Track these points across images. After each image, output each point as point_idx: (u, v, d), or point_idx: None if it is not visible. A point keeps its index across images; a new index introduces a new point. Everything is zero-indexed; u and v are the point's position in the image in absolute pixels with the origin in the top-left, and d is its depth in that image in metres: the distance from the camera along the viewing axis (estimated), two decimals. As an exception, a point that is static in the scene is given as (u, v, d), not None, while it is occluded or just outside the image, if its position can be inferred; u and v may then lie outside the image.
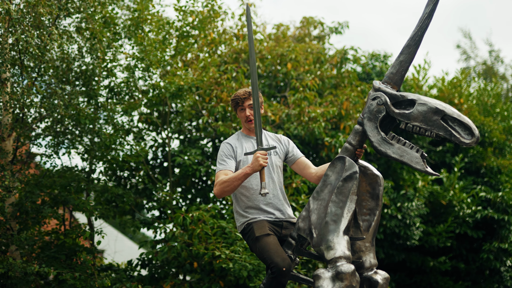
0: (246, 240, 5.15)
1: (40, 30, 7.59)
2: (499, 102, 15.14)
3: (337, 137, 9.88)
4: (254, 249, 4.99)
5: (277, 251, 4.81)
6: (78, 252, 8.41)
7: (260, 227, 5.00)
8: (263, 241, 4.91)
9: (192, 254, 8.30)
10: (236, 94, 5.21)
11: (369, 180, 4.96)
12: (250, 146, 5.20)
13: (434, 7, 4.76)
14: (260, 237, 4.93)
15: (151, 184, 9.61)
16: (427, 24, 4.78)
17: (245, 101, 5.19)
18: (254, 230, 4.99)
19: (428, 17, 4.76)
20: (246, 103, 5.19)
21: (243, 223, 5.15)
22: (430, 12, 4.76)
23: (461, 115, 4.49)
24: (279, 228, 5.10)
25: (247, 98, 5.19)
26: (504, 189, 12.45)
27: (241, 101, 5.19)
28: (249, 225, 5.09)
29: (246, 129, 5.29)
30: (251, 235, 5.01)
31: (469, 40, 28.44)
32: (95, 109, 9.03)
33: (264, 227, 4.99)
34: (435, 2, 4.75)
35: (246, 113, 5.20)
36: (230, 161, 5.08)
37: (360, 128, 4.88)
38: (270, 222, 5.08)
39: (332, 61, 12.02)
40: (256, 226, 5.02)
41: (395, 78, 4.82)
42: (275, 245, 4.87)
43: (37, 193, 8.22)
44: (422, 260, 12.10)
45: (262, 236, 4.94)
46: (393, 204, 11.38)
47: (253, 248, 5.02)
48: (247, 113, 5.19)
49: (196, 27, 9.67)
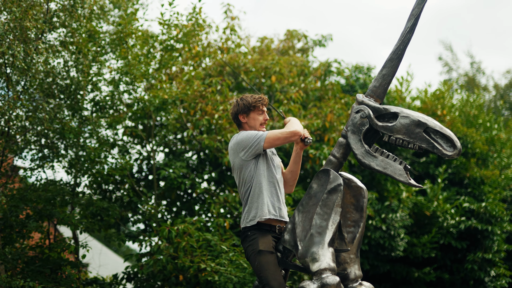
0: (244, 247, 5.08)
1: (26, 44, 7.59)
2: (481, 113, 15.25)
3: (321, 149, 9.93)
4: (253, 261, 4.95)
5: (275, 273, 4.82)
6: (63, 266, 8.37)
7: (264, 242, 4.96)
8: (265, 258, 4.89)
9: (177, 267, 8.30)
10: (260, 96, 5.22)
11: (353, 192, 5.00)
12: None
13: (416, 21, 4.82)
14: (262, 252, 4.91)
15: (136, 197, 9.60)
16: (409, 38, 4.84)
17: (265, 105, 5.24)
18: (258, 243, 4.95)
19: (410, 31, 4.82)
20: (265, 108, 5.24)
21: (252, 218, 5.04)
22: (412, 26, 4.82)
23: (443, 128, 4.55)
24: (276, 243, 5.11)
25: (267, 104, 5.26)
26: (488, 200, 12.53)
27: (263, 104, 5.21)
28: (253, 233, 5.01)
29: None
30: (254, 246, 4.95)
31: (451, 52, 28.64)
32: (79, 123, 9.02)
33: (268, 243, 4.96)
34: (416, 16, 4.82)
35: (265, 116, 5.24)
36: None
37: (344, 140, 4.93)
38: (274, 237, 5.06)
39: (316, 73, 12.09)
40: (262, 239, 4.97)
41: (378, 91, 4.87)
42: (275, 267, 4.87)
43: (22, 207, 8.20)
44: (406, 271, 12.14)
45: (265, 252, 4.91)
46: (378, 215, 11.42)
47: (251, 260, 4.97)
48: (267, 117, 5.25)
49: (181, 40, 9.70)
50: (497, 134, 14.84)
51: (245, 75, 10.76)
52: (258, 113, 5.22)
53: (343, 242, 4.97)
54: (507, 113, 26.89)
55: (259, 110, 5.21)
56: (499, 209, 12.16)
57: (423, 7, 4.82)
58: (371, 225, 11.29)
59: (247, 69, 10.85)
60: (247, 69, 10.85)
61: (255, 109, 5.19)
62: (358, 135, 4.82)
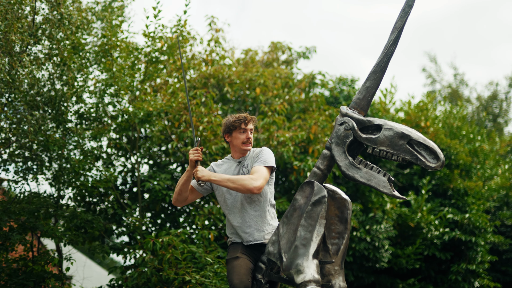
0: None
1: (11, 56, 7.58)
2: (465, 124, 15.37)
3: (305, 161, 9.96)
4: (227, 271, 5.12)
5: (238, 273, 4.91)
6: (47, 279, 8.33)
7: (232, 250, 5.12)
8: (231, 264, 5.03)
9: (162, 279, 8.27)
10: (241, 115, 5.24)
11: (338, 204, 5.01)
12: (227, 168, 5.26)
13: (399, 34, 4.86)
14: (229, 260, 5.06)
15: (121, 209, 9.57)
16: (393, 51, 4.87)
17: (248, 123, 5.23)
18: (228, 253, 5.13)
19: (393, 44, 4.86)
20: (249, 126, 5.24)
21: (228, 244, 5.30)
22: (395, 39, 4.86)
23: (427, 140, 4.58)
24: (256, 251, 5.13)
25: (250, 121, 5.25)
26: (471, 211, 12.60)
27: (244, 122, 5.22)
28: (228, 248, 5.24)
29: (236, 152, 5.30)
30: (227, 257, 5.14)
31: (435, 64, 28.84)
32: (63, 135, 8.99)
33: (235, 251, 5.09)
34: (399, 29, 4.85)
35: (248, 134, 5.23)
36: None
37: (328, 152, 4.95)
38: (246, 246, 5.12)
39: (300, 85, 12.14)
40: (230, 249, 5.16)
41: (362, 104, 4.90)
42: (239, 267, 4.96)
43: (5, 219, 8.16)
44: (391, 282, 12.17)
45: (231, 259, 5.06)
46: (362, 226, 11.45)
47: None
48: (249, 135, 5.24)
49: (165, 52, 9.72)
50: (480, 145, 14.95)
51: (229, 87, 10.77)
52: (239, 132, 5.24)
53: (328, 254, 4.97)
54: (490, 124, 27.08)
55: (240, 129, 5.23)
56: (482, 220, 12.23)
57: (406, 20, 4.85)
58: (355, 236, 11.31)
59: (231, 81, 10.88)
60: (231, 81, 10.87)
61: (236, 129, 5.23)
62: (342, 147, 4.84)
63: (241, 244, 5.14)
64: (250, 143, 5.26)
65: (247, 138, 5.24)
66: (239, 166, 5.24)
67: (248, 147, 5.25)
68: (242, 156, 5.28)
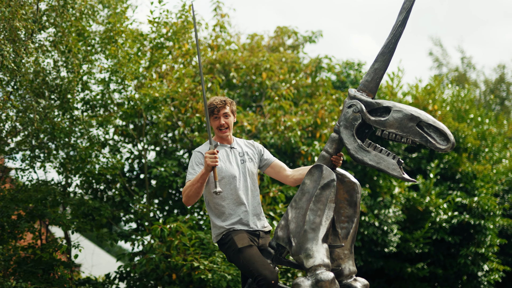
0: (224, 251, 5.11)
1: (16, 44, 7.54)
2: (472, 108, 15.27)
3: (313, 145, 9.92)
4: (236, 260, 4.95)
5: (263, 263, 4.80)
6: (55, 267, 8.33)
7: (241, 238, 4.97)
8: (247, 253, 4.89)
9: (170, 265, 8.27)
10: (212, 103, 5.21)
11: (347, 188, 4.98)
12: (224, 154, 5.21)
13: (407, 15, 4.80)
14: (243, 249, 4.91)
15: (128, 196, 9.56)
16: (401, 32, 4.82)
17: (220, 109, 5.20)
18: (236, 242, 4.96)
19: (401, 24, 4.81)
20: (221, 112, 5.20)
21: (220, 234, 5.12)
22: (403, 19, 4.80)
23: (436, 121, 4.53)
24: (256, 238, 5.10)
25: (223, 107, 5.20)
26: (480, 194, 12.54)
27: (216, 109, 5.19)
28: (227, 236, 5.05)
29: (219, 138, 5.29)
30: (232, 246, 4.97)
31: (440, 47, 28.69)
32: (70, 123, 8.97)
33: (245, 238, 4.98)
34: (408, 9, 4.80)
35: (220, 121, 5.20)
36: (200, 169, 5.07)
37: (336, 136, 4.91)
38: (249, 232, 5.08)
39: (307, 70, 12.07)
40: (237, 237, 4.99)
41: (370, 86, 4.85)
42: (260, 257, 4.86)
43: (13, 207, 8.15)
44: (400, 266, 12.14)
45: (245, 247, 4.92)
46: (370, 211, 11.42)
47: (235, 260, 4.97)
48: (222, 122, 5.20)
49: (170, 38, 9.67)
50: (488, 128, 14.87)
51: (235, 72, 10.72)
52: (213, 119, 5.26)
53: (337, 238, 4.94)
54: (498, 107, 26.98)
55: (213, 115, 5.23)
56: (491, 204, 12.17)
57: (414, 1, 4.80)
58: (364, 221, 11.28)
59: (237, 66, 10.82)
60: (237, 66, 10.82)
61: (211, 116, 5.25)
62: (350, 130, 4.79)
63: (245, 231, 5.09)
64: (226, 127, 5.23)
65: (220, 124, 5.21)
66: (231, 152, 5.23)
67: (224, 133, 5.25)
68: (223, 141, 5.28)
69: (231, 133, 5.32)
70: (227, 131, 5.24)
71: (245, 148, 5.32)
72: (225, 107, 5.21)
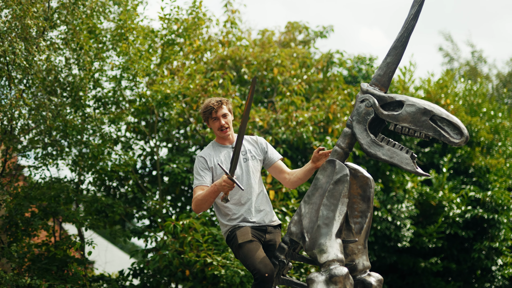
0: (230, 248, 5.19)
1: (28, 41, 7.56)
2: (485, 101, 15.19)
3: (325, 140, 9.90)
4: (238, 256, 5.04)
5: (259, 257, 4.84)
6: (69, 264, 8.36)
7: (243, 234, 5.03)
8: (246, 248, 4.95)
9: (183, 262, 8.28)
10: (208, 105, 5.21)
11: (360, 183, 4.96)
12: (226, 155, 5.21)
13: (420, 8, 4.78)
14: (243, 244, 4.97)
15: (141, 193, 9.58)
16: (413, 25, 4.79)
17: (218, 110, 5.20)
18: (237, 237, 5.02)
19: (414, 18, 4.78)
20: (220, 113, 5.20)
21: (226, 231, 5.19)
22: (416, 13, 4.78)
23: (450, 115, 4.50)
24: (262, 233, 5.13)
25: (220, 107, 5.20)
26: (493, 188, 12.48)
27: (214, 111, 5.19)
28: (232, 232, 5.11)
29: (220, 138, 5.30)
30: (235, 242, 5.05)
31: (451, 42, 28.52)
32: (82, 120, 8.99)
33: (246, 234, 5.02)
34: (420, 3, 4.77)
35: (220, 122, 5.20)
36: (205, 174, 5.10)
37: (349, 130, 4.89)
38: (254, 228, 5.10)
39: (318, 65, 12.04)
40: (239, 233, 5.04)
41: (383, 80, 4.83)
42: (258, 251, 4.90)
43: (27, 205, 8.18)
44: (413, 261, 12.11)
45: (244, 243, 4.98)
46: (383, 206, 11.39)
47: (237, 255, 5.07)
48: (222, 122, 5.20)
49: (181, 34, 9.67)
50: (501, 122, 14.77)
51: (246, 68, 10.71)
52: (212, 121, 5.25)
53: (351, 233, 4.93)
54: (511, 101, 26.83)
55: (212, 117, 5.22)
56: (505, 198, 12.12)
57: (426, -6, 4.77)
58: (377, 216, 11.26)
59: (248, 62, 10.81)
60: (248, 62, 10.80)
61: (209, 118, 5.25)
62: (363, 125, 4.78)
63: (250, 227, 5.11)
64: (227, 127, 5.23)
65: (220, 125, 5.20)
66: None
67: (225, 133, 5.24)
68: (225, 141, 5.29)
69: (232, 131, 5.32)
70: (228, 131, 5.24)
71: (248, 146, 5.32)
72: (222, 107, 5.22)
